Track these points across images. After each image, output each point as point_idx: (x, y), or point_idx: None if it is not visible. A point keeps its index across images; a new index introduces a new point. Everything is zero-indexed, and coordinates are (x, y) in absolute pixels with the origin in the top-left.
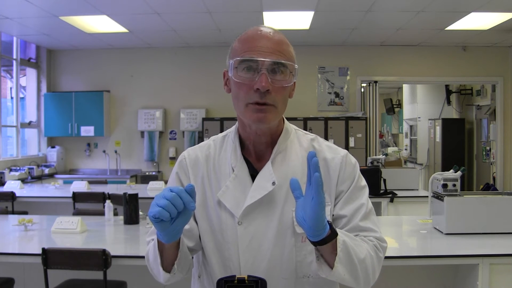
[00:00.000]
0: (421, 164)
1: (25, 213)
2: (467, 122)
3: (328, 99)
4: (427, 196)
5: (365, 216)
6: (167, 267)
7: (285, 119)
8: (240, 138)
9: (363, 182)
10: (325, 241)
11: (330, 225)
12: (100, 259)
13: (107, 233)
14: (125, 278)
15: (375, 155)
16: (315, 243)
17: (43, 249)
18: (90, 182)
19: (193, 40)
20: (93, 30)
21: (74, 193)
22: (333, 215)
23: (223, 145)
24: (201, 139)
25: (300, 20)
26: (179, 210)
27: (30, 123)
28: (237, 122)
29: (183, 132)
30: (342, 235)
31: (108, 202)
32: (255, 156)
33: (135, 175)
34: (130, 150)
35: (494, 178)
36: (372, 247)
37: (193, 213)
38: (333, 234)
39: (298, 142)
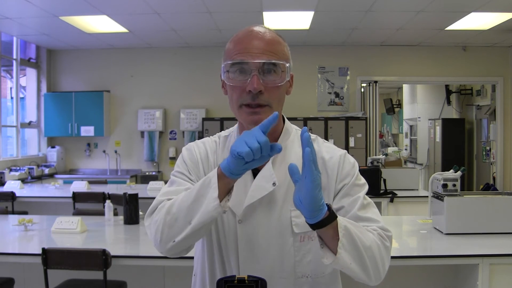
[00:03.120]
0: (421, 164)
1: (25, 213)
2: (467, 122)
3: (328, 99)
4: (427, 196)
5: (363, 206)
6: (220, 196)
7: (286, 119)
8: None
9: (362, 180)
10: (323, 223)
11: (329, 207)
12: (100, 259)
13: (107, 233)
14: (125, 278)
15: (375, 155)
16: (313, 226)
17: (43, 249)
18: (90, 182)
19: (193, 40)
20: (93, 30)
21: (74, 193)
22: None
23: (225, 144)
24: None
25: (300, 20)
26: (265, 155)
27: (30, 123)
28: (238, 122)
29: (183, 132)
30: (344, 221)
31: (108, 202)
32: None
33: (135, 175)
34: (130, 150)
35: (494, 178)
36: (377, 236)
37: None
38: (332, 216)
39: (298, 142)
